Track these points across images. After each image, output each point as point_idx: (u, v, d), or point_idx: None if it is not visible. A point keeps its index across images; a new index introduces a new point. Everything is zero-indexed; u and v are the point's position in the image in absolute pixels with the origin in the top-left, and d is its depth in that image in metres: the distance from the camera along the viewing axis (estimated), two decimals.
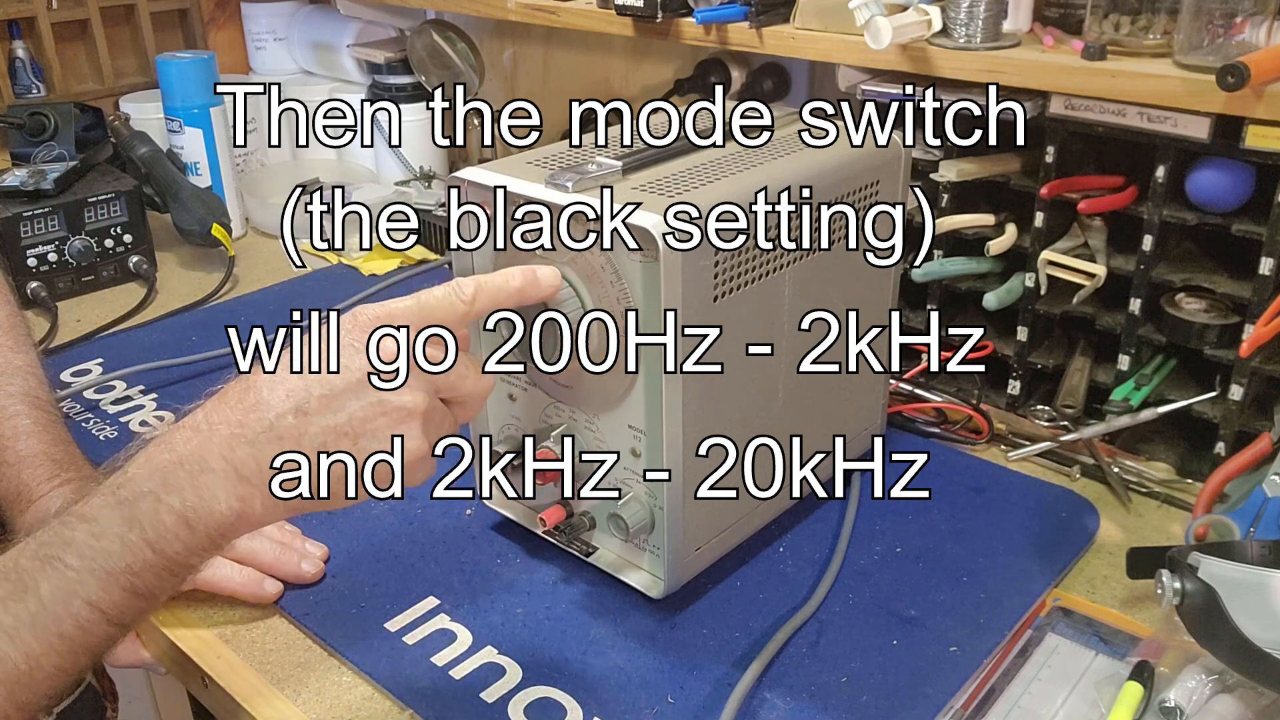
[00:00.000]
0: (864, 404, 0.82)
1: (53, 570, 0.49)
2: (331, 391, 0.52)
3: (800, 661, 0.67)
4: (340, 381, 0.52)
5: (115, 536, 0.50)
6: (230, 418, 0.51)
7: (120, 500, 0.50)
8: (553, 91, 1.45)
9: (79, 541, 0.50)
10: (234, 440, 0.51)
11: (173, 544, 0.50)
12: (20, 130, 1.29)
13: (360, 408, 0.53)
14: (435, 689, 0.65)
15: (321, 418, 0.52)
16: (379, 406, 0.53)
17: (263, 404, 0.51)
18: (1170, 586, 0.62)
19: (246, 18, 1.55)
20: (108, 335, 1.11)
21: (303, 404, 0.51)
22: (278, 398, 0.52)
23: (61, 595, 0.49)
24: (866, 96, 0.91)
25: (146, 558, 0.50)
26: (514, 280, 0.58)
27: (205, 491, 0.50)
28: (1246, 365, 0.79)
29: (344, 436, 0.52)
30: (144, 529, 0.50)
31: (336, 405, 0.52)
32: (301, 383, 0.52)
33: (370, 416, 0.53)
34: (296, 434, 0.51)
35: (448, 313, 0.56)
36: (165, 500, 0.50)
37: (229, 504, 0.51)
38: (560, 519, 0.72)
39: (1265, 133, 0.73)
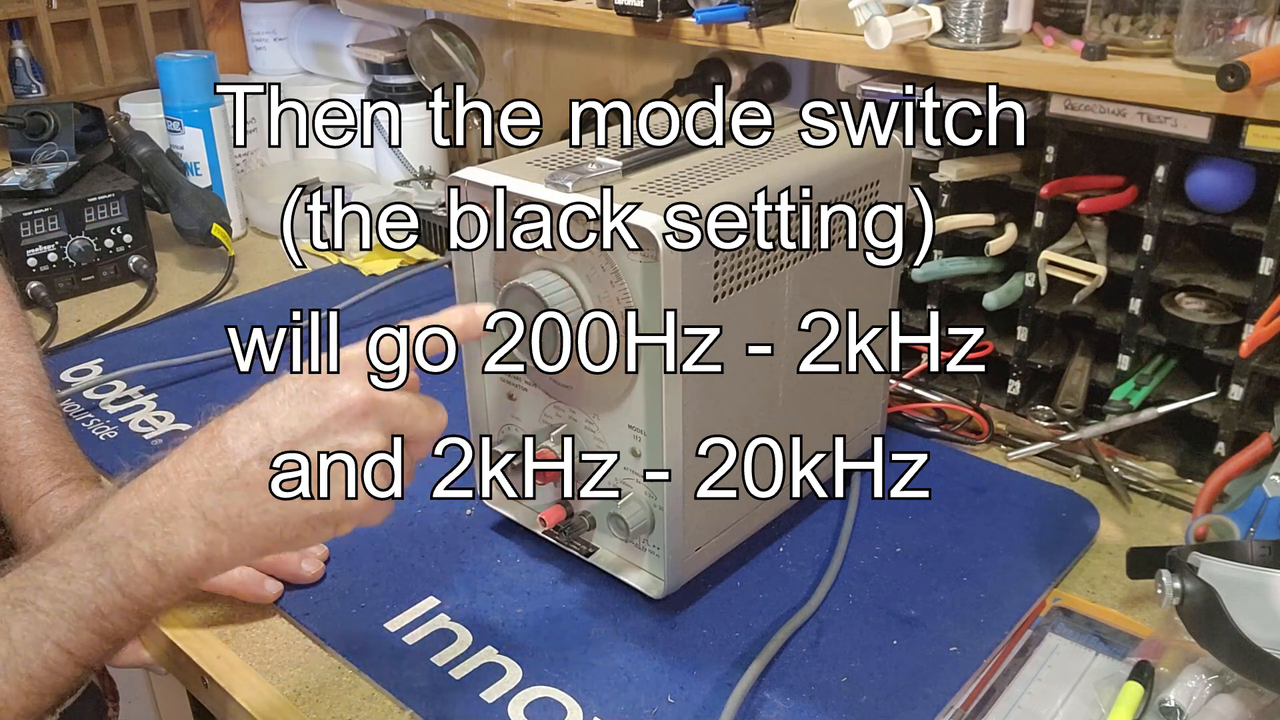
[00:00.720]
0: (864, 404, 0.82)
1: (24, 613, 0.50)
2: (293, 438, 0.54)
3: (800, 661, 0.67)
4: (301, 427, 0.54)
5: (86, 580, 0.51)
6: (198, 466, 0.53)
7: (92, 545, 0.52)
8: (553, 91, 1.45)
9: (50, 585, 0.51)
10: (202, 487, 0.53)
11: (142, 587, 0.52)
12: (20, 130, 1.29)
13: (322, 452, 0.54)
14: (435, 689, 0.65)
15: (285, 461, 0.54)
16: (341, 450, 0.55)
17: (228, 452, 0.53)
18: (1170, 586, 0.62)
19: (246, 18, 1.55)
20: (108, 335, 1.11)
21: (266, 450, 0.53)
22: (242, 445, 0.53)
23: (32, 638, 0.50)
24: (866, 96, 0.91)
25: (116, 601, 0.51)
26: (455, 319, 0.60)
27: (175, 537, 0.52)
28: (1246, 365, 0.79)
29: None
30: (114, 573, 0.51)
31: (299, 450, 0.54)
32: (263, 430, 0.54)
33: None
34: (262, 479, 0.53)
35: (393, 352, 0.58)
36: (136, 545, 0.52)
37: (197, 549, 0.53)
38: (560, 519, 0.72)
39: (1265, 133, 0.73)
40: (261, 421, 0.54)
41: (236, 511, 0.53)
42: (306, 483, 0.54)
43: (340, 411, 0.55)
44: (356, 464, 0.55)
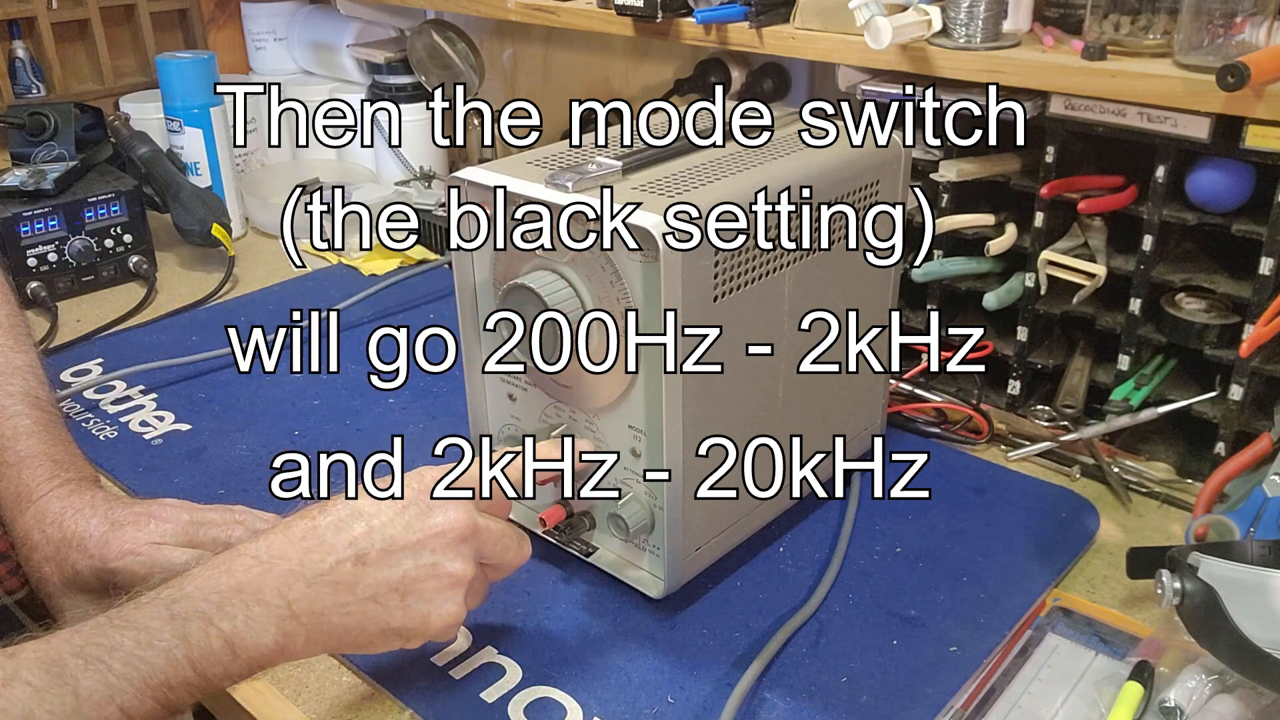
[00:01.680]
0: (864, 404, 0.82)
1: (94, 671, 0.50)
2: (391, 547, 0.56)
3: (800, 661, 0.67)
4: (402, 539, 0.56)
5: (162, 650, 0.51)
6: (291, 554, 0.54)
7: (174, 615, 0.52)
8: (553, 91, 1.45)
9: (126, 648, 0.51)
10: (292, 577, 0.54)
11: (214, 666, 0.52)
12: (20, 130, 1.29)
13: (415, 567, 0.56)
14: (435, 689, 0.65)
15: (378, 570, 0.55)
16: (432, 569, 0.57)
17: (325, 546, 0.55)
18: (1170, 586, 0.62)
19: (246, 18, 1.55)
20: (108, 335, 1.11)
21: (363, 554, 0.55)
22: (341, 543, 0.55)
23: (99, 699, 0.50)
24: (866, 96, 0.91)
25: (186, 675, 0.51)
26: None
27: (256, 624, 0.53)
28: (1246, 365, 0.79)
29: (394, 592, 0.56)
30: (190, 648, 0.51)
31: (394, 561, 0.56)
32: (365, 531, 0.55)
33: (422, 578, 0.57)
34: (352, 582, 0.55)
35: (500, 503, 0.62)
36: (218, 624, 0.52)
37: (275, 639, 0.53)
38: (560, 519, 0.72)
39: (1265, 133, 0.73)
40: (365, 523, 0.56)
41: (320, 608, 0.54)
42: (392, 594, 0.56)
43: (442, 532, 0.57)
44: (443, 589, 0.57)
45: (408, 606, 0.57)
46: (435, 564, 0.57)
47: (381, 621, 0.56)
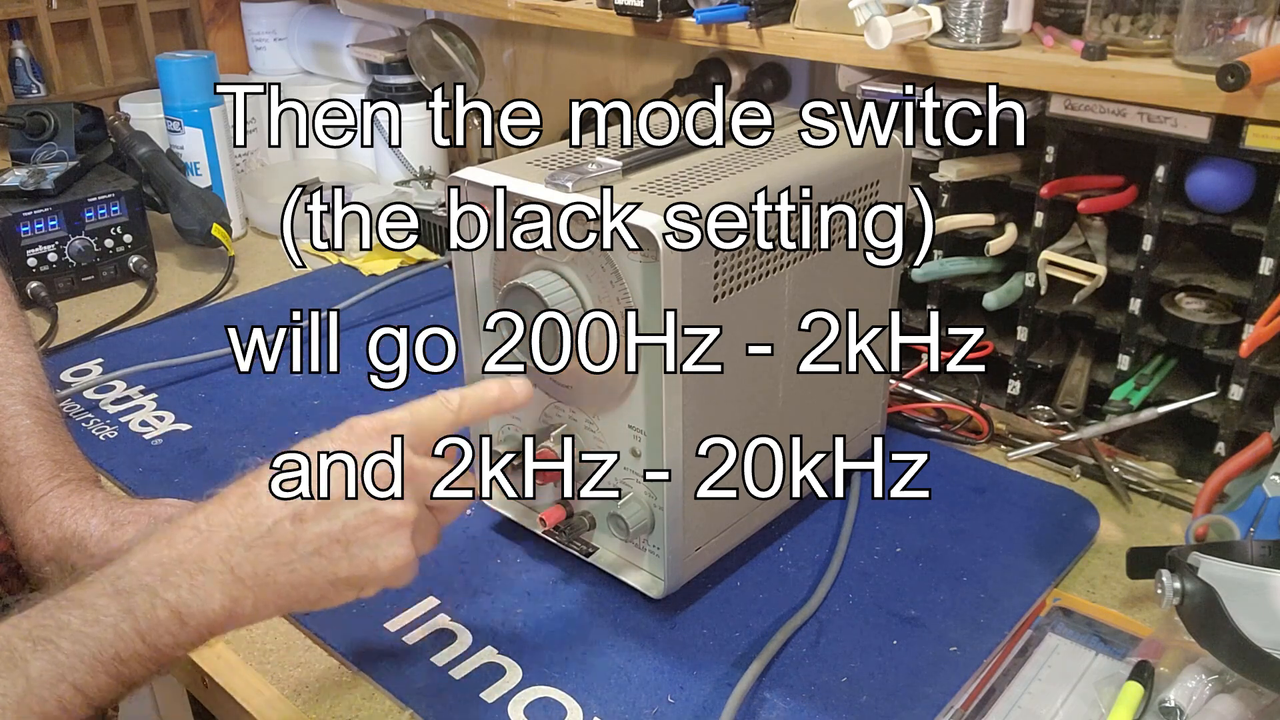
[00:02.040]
0: (864, 404, 0.82)
1: (44, 652, 0.50)
2: (327, 500, 0.55)
3: (800, 661, 0.67)
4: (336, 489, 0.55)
5: (109, 625, 0.51)
6: (229, 521, 0.54)
7: (118, 590, 0.52)
8: (553, 91, 1.45)
9: (73, 626, 0.51)
10: (232, 542, 0.53)
11: (163, 637, 0.52)
12: (20, 130, 1.29)
13: (354, 516, 0.56)
14: (435, 689, 0.65)
15: (316, 524, 0.55)
16: (372, 515, 0.56)
17: (261, 509, 0.54)
18: (1170, 586, 0.62)
19: (246, 18, 1.55)
20: (108, 335, 1.11)
21: (299, 511, 0.54)
22: (276, 503, 0.54)
23: (49, 678, 0.50)
24: (866, 96, 0.91)
25: (136, 648, 0.52)
26: (491, 392, 0.63)
27: (201, 590, 0.53)
28: (1246, 365, 0.79)
29: (336, 543, 0.55)
30: (137, 620, 0.52)
31: (332, 513, 0.55)
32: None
33: (363, 524, 0.56)
34: (292, 539, 0.54)
35: (437, 423, 0.60)
36: (162, 595, 0.52)
37: (221, 604, 0.53)
38: (560, 519, 0.72)
39: (1265, 133, 0.73)
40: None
41: (265, 569, 0.54)
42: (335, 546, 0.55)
43: (376, 479, 0.56)
44: (386, 533, 0.56)
45: (353, 555, 0.56)
46: (374, 509, 0.56)
47: (328, 574, 0.55)
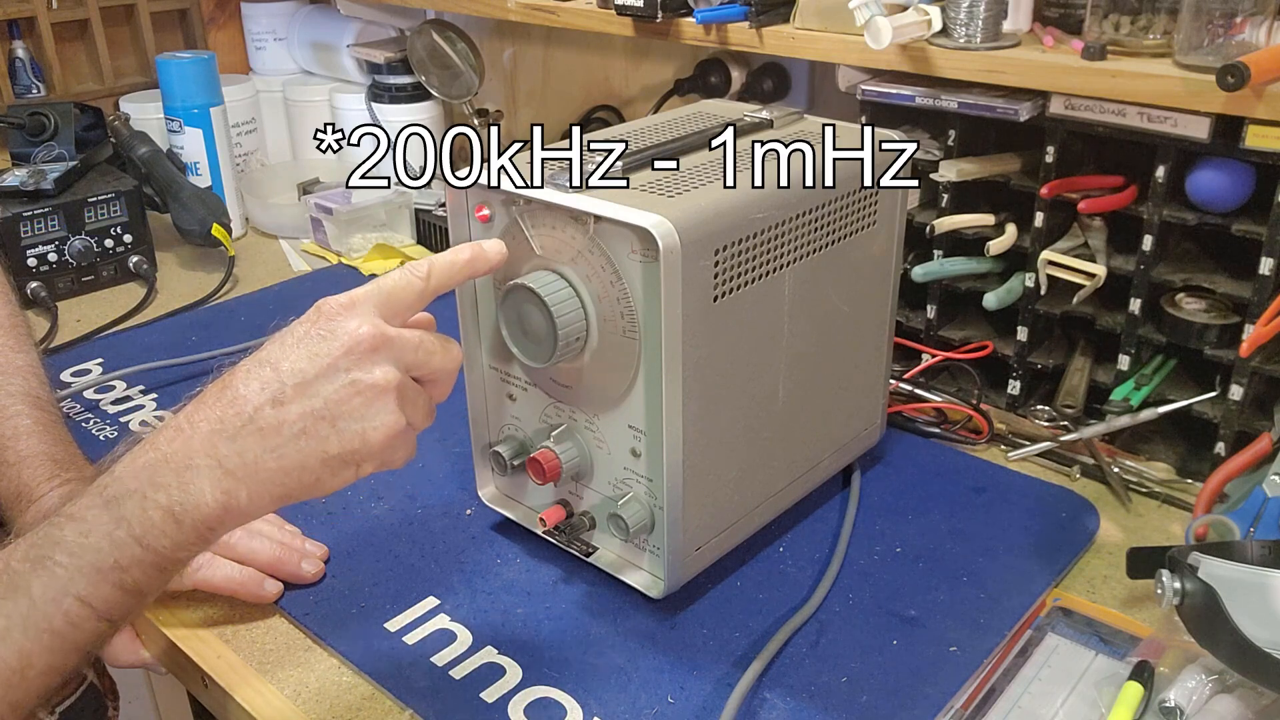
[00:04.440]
0: (864, 404, 0.82)
1: (43, 570, 0.50)
2: (303, 379, 0.53)
3: (800, 661, 0.67)
4: (310, 368, 0.54)
5: (103, 534, 0.51)
6: (210, 415, 0.53)
7: (107, 499, 0.52)
8: (553, 91, 1.45)
9: (68, 540, 0.51)
10: (216, 436, 0.52)
11: (160, 539, 0.52)
12: (20, 130, 1.29)
13: (334, 390, 0.54)
14: (435, 689, 0.65)
15: (297, 404, 0.53)
16: (352, 387, 0.54)
17: (240, 399, 0.53)
18: (1170, 586, 0.62)
19: (246, 18, 1.55)
20: (108, 335, 1.11)
21: (278, 395, 0.53)
22: (253, 391, 0.53)
23: (51, 593, 0.50)
24: (866, 97, 0.91)
25: (135, 553, 0.51)
26: (462, 254, 0.61)
27: (191, 487, 0.52)
28: (1246, 365, 0.79)
29: (321, 420, 0.54)
30: (131, 525, 0.51)
31: (310, 391, 0.54)
32: (273, 374, 0.54)
33: (345, 398, 0.54)
34: (276, 424, 0.53)
35: (407, 293, 0.58)
36: (152, 497, 0.51)
37: (214, 497, 0.52)
38: (560, 519, 0.72)
39: (1265, 133, 0.73)
40: (271, 366, 0.54)
41: (252, 458, 0.53)
42: (320, 423, 0.53)
43: (350, 349, 0.54)
44: (370, 402, 0.54)
45: (340, 430, 0.54)
46: (354, 380, 0.54)
47: (319, 453, 0.54)
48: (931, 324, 0.96)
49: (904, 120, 0.94)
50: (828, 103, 1.18)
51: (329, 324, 0.55)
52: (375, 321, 0.55)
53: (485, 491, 0.79)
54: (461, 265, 0.60)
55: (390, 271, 0.58)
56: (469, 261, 0.61)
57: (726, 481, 0.70)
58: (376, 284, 0.57)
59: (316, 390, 0.54)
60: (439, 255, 0.60)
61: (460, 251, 0.61)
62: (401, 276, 0.58)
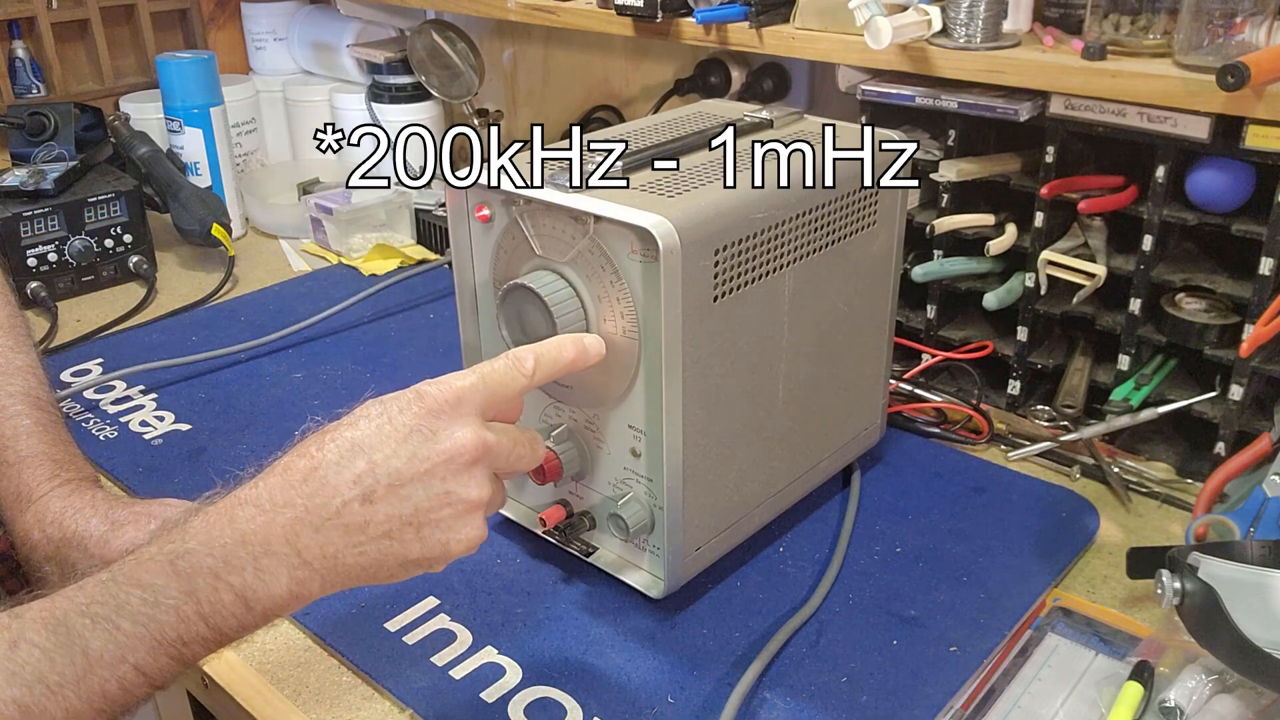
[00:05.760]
0: (864, 404, 0.82)
1: (103, 630, 0.49)
2: (398, 481, 0.52)
3: (800, 661, 0.67)
4: (408, 470, 0.52)
5: (171, 608, 0.49)
6: (295, 500, 0.51)
7: (179, 572, 0.50)
8: (553, 91, 1.45)
9: (133, 606, 0.49)
10: (299, 524, 0.51)
11: (227, 620, 0.51)
12: (20, 130, 1.29)
13: (427, 498, 0.53)
14: (435, 689, 0.65)
15: (387, 505, 0.52)
16: (445, 498, 0.53)
17: (329, 488, 0.51)
18: (1170, 586, 0.62)
19: (246, 18, 1.55)
20: (108, 335, 1.11)
21: (369, 492, 0.52)
22: (344, 482, 0.51)
23: (109, 658, 0.49)
24: (866, 97, 0.91)
25: (199, 630, 0.50)
26: (567, 353, 0.60)
27: (266, 575, 0.51)
28: (1246, 365, 0.79)
29: (408, 526, 0.53)
30: (200, 604, 0.50)
31: (403, 495, 0.52)
32: (368, 467, 0.52)
33: (436, 507, 0.53)
34: (362, 522, 0.52)
35: (509, 389, 0.57)
36: (225, 579, 0.50)
37: (288, 588, 0.51)
38: (560, 519, 0.72)
39: (1265, 133, 0.73)
40: (366, 458, 0.52)
41: (333, 552, 0.51)
42: (406, 529, 0.53)
43: (451, 458, 0.53)
44: (460, 516, 0.54)
45: (424, 538, 0.53)
46: (448, 492, 0.53)
47: (399, 555, 0.53)
48: (931, 324, 0.96)
49: (904, 120, 0.94)
50: (828, 103, 1.18)
51: (433, 423, 0.53)
52: (479, 431, 0.54)
53: None
54: (566, 364, 0.60)
55: (494, 362, 0.57)
56: (573, 361, 0.60)
57: (726, 481, 0.70)
58: (481, 378, 0.56)
59: (409, 494, 0.52)
60: (543, 348, 0.59)
61: (565, 349, 0.60)
62: (506, 371, 0.57)
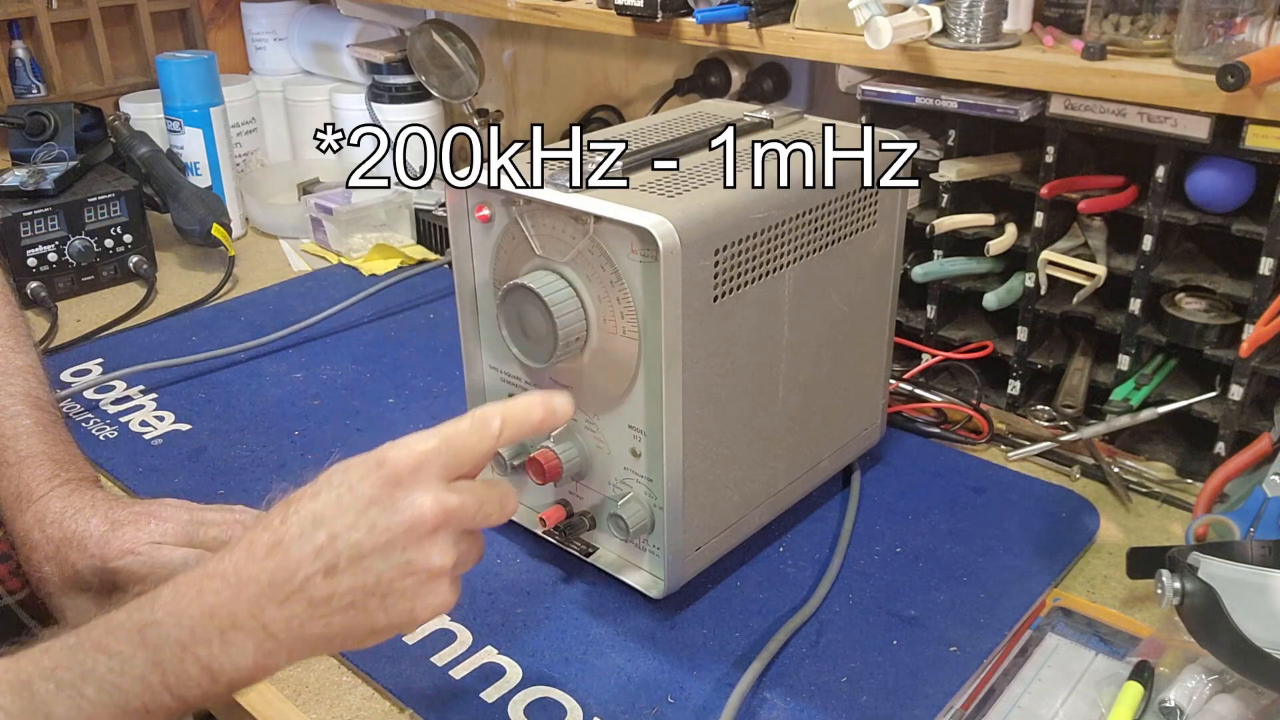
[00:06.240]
0: (864, 404, 0.82)
1: (67, 697, 0.49)
2: (359, 553, 0.52)
3: (800, 661, 0.67)
4: (368, 542, 0.52)
5: (137, 677, 0.50)
6: (259, 575, 0.51)
7: (146, 642, 0.50)
8: (553, 91, 1.45)
9: (99, 674, 0.50)
10: (263, 598, 0.51)
11: (192, 690, 0.51)
12: (20, 130, 1.29)
13: (389, 569, 0.52)
14: (435, 689, 0.65)
15: (349, 577, 0.52)
16: (407, 568, 0.53)
17: (292, 562, 0.51)
18: (1170, 586, 0.62)
19: (246, 18, 1.55)
20: (108, 335, 1.11)
21: (331, 565, 0.51)
22: (306, 556, 0.51)
23: None
24: (866, 97, 0.91)
25: (164, 700, 0.50)
26: (535, 413, 0.58)
27: (233, 648, 0.51)
28: (1246, 365, 0.79)
29: (372, 596, 0.52)
30: (166, 674, 0.50)
31: (365, 566, 0.52)
32: (328, 540, 0.52)
33: (399, 577, 0.53)
34: (326, 595, 0.52)
35: (474, 451, 0.55)
36: (193, 650, 0.50)
37: (254, 660, 0.51)
38: (560, 519, 0.72)
39: (1265, 133, 0.73)
40: (327, 530, 0.51)
41: (298, 624, 0.51)
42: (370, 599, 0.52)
43: (411, 527, 0.52)
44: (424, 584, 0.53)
45: (389, 608, 0.53)
46: (409, 561, 0.52)
47: (365, 625, 0.53)
48: (931, 324, 0.96)
49: (904, 120, 0.94)
50: (828, 103, 1.18)
51: (393, 493, 0.52)
52: (440, 498, 0.53)
53: None
54: (533, 424, 0.58)
55: (459, 422, 0.55)
56: (540, 422, 0.58)
57: (726, 481, 0.70)
58: (445, 440, 0.54)
59: (371, 566, 0.52)
60: (510, 408, 0.56)
61: (533, 411, 0.57)
62: (471, 433, 0.55)
